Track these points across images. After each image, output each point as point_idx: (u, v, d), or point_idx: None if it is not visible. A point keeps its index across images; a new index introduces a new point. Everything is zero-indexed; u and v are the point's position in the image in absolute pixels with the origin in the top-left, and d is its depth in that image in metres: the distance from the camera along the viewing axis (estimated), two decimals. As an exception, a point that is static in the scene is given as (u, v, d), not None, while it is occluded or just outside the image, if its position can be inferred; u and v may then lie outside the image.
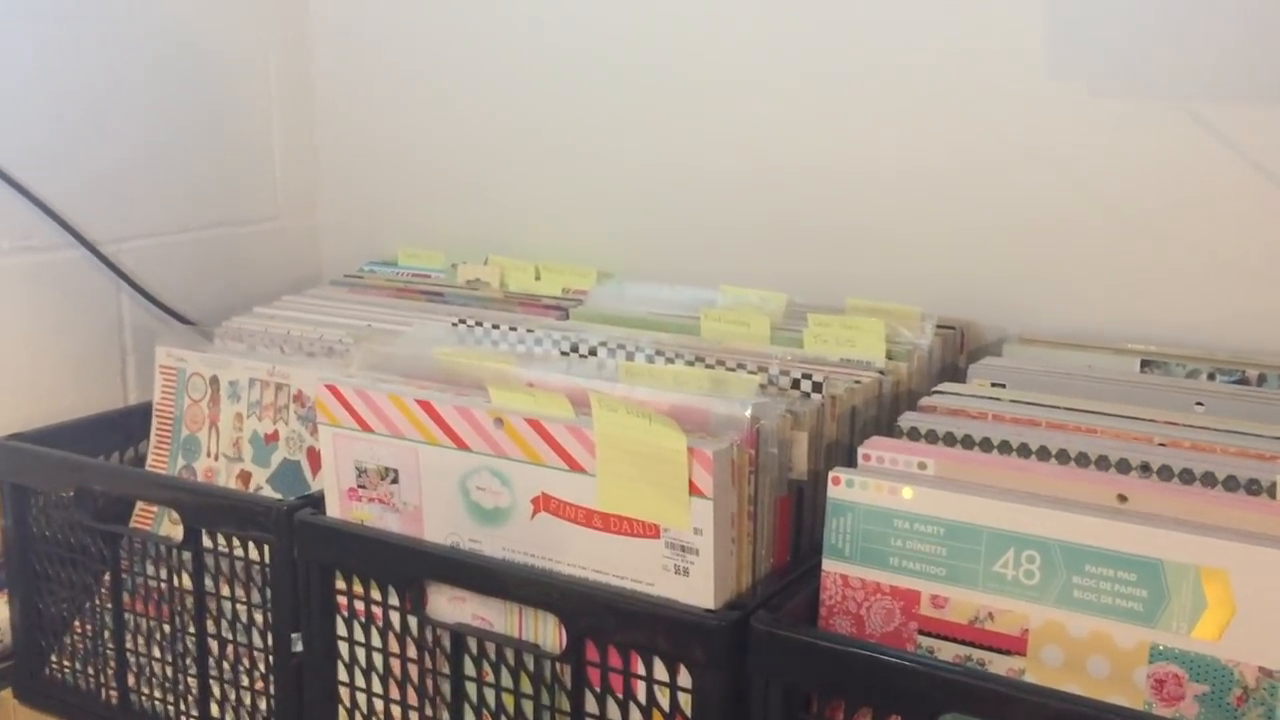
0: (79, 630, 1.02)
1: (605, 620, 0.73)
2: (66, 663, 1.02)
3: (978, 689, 0.63)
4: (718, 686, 0.70)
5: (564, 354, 0.93)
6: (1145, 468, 0.71)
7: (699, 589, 0.71)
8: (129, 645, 0.97)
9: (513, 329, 0.97)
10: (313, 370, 0.98)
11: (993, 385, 0.87)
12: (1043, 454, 0.74)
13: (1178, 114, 0.93)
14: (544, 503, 0.76)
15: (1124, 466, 0.71)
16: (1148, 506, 0.67)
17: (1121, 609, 0.64)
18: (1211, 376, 0.88)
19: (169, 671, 0.95)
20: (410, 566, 0.81)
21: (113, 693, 0.99)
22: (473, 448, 0.78)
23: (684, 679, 0.71)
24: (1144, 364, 0.91)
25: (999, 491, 0.69)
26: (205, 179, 1.25)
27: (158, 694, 0.96)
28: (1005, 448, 0.75)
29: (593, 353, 0.92)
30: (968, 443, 0.76)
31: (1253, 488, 0.68)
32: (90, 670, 1.00)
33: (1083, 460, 0.72)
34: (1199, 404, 0.81)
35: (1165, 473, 0.70)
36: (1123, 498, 0.67)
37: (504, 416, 0.77)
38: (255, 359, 1.03)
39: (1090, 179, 0.97)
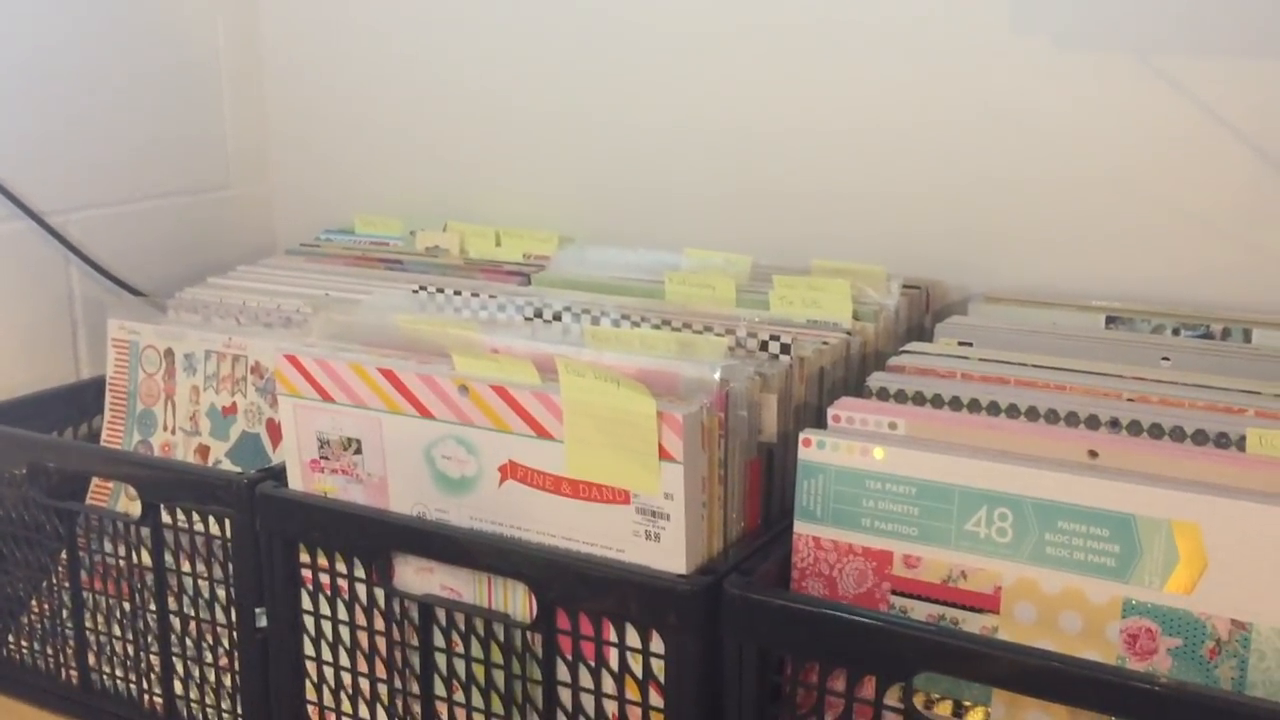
0: (36, 610, 0.99)
1: (576, 588, 0.72)
2: (24, 643, 1.00)
3: (951, 647, 0.63)
4: (691, 651, 0.69)
5: (528, 320, 0.92)
6: (1115, 423, 0.70)
7: (670, 554, 0.71)
8: (88, 624, 0.95)
9: (475, 295, 0.95)
10: (270, 341, 0.96)
11: (960, 344, 0.87)
12: (1012, 412, 0.73)
13: (1142, 69, 0.92)
14: (511, 470, 0.75)
15: (1094, 422, 0.71)
16: (1118, 462, 0.67)
17: (1094, 565, 0.64)
18: (1176, 332, 0.88)
19: (130, 650, 0.94)
20: (376, 538, 0.79)
21: (73, 672, 0.97)
22: (437, 416, 0.77)
23: (657, 645, 0.71)
24: (1109, 320, 0.91)
25: (970, 450, 0.69)
26: (154, 146, 1.21)
27: (119, 673, 0.95)
28: (975, 406, 0.74)
29: (557, 318, 0.91)
30: (937, 402, 0.76)
31: (1222, 441, 0.68)
32: (49, 650, 0.98)
33: (1052, 417, 0.72)
34: (1165, 359, 0.81)
35: (1135, 428, 0.70)
36: (1093, 453, 0.67)
37: (469, 384, 0.75)
38: (211, 330, 1.00)
39: (1054, 136, 0.96)
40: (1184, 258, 0.93)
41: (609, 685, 0.73)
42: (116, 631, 0.94)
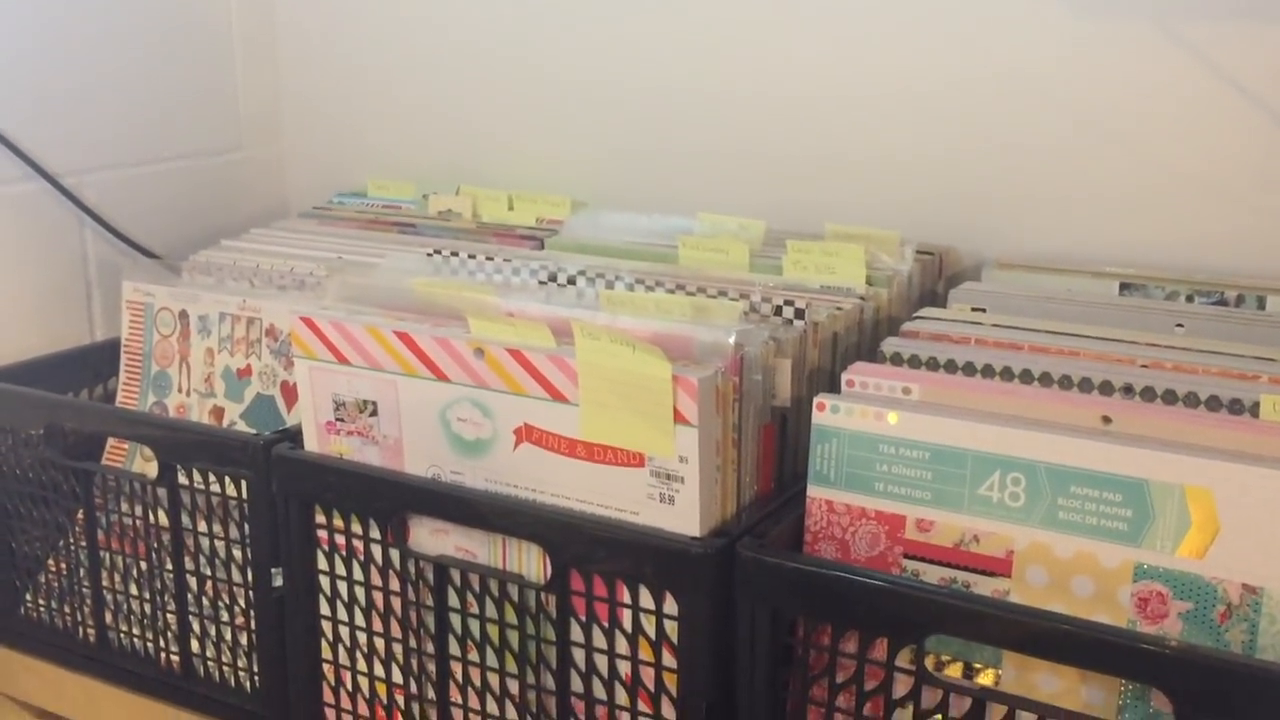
0: (54, 569, 1.00)
1: (590, 550, 0.73)
2: (43, 602, 1.01)
3: (963, 610, 0.63)
4: (704, 613, 0.70)
5: (542, 284, 0.92)
6: (1128, 389, 0.71)
7: (684, 517, 0.71)
8: (105, 583, 0.96)
9: (489, 259, 0.95)
10: (285, 304, 0.96)
11: (973, 310, 0.87)
12: (1026, 377, 0.74)
13: (1157, 33, 0.92)
14: (526, 433, 0.75)
15: (1107, 388, 0.71)
16: (1132, 427, 0.67)
17: (1106, 529, 0.64)
18: (1190, 298, 0.88)
19: (147, 609, 0.95)
20: (391, 499, 0.80)
21: (90, 631, 0.98)
22: (453, 379, 0.77)
23: (670, 607, 0.71)
24: (1123, 287, 0.91)
25: (984, 415, 0.69)
26: (167, 109, 1.21)
27: (136, 631, 0.96)
28: (989, 371, 0.75)
29: (571, 282, 0.91)
30: (951, 367, 0.76)
31: (1235, 407, 0.68)
32: (67, 609, 0.99)
33: (1066, 383, 0.72)
34: (1179, 325, 0.81)
35: (1148, 394, 0.70)
36: (1107, 419, 0.68)
37: (484, 347, 0.76)
38: (225, 293, 1.01)
39: (1069, 100, 0.96)
40: (1199, 224, 0.93)
41: (622, 646, 0.74)
42: (134, 591, 0.95)
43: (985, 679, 0.67)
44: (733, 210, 1.02)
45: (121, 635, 0.97)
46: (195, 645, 0.93)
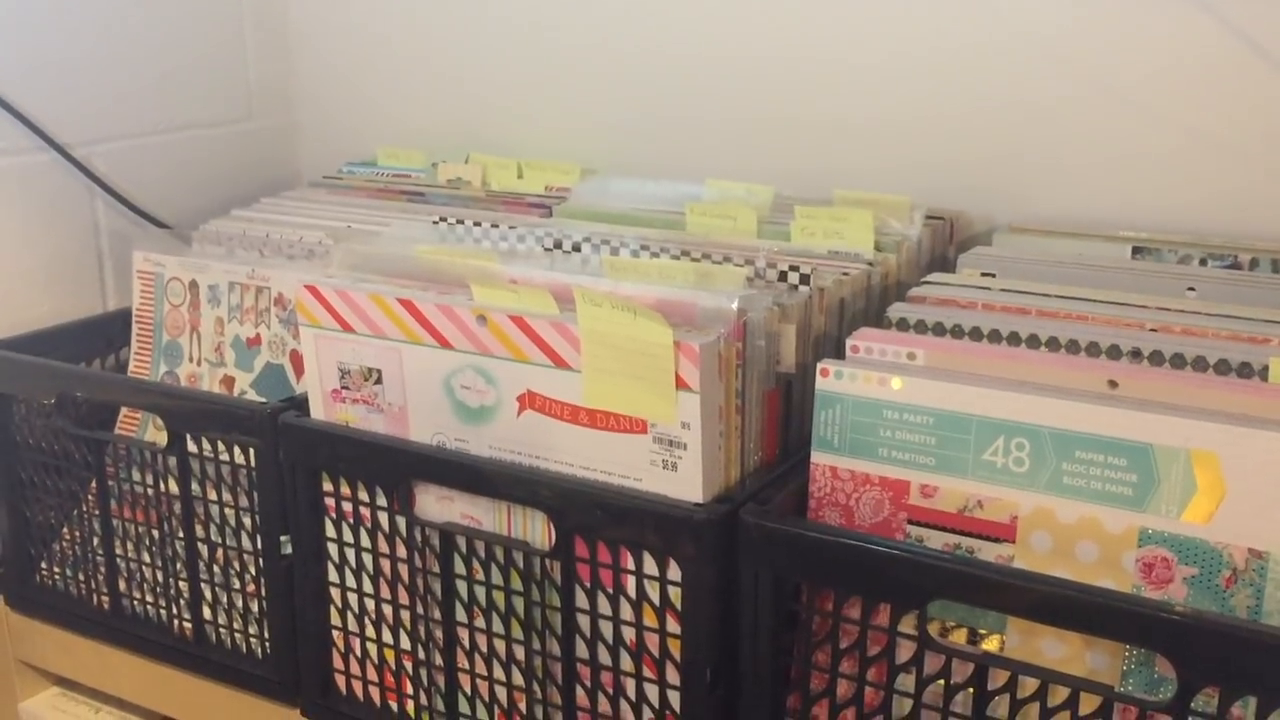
0: (68, 537, 1.01)
1: (594, 517, 0.73)
2: (57, 570, 1.02)
3: (966, 575, 0.63)
4: (708, 580, 0.70)
5: (547, 251, 0.91)
6: (1136, 353, 0.70)
7: (687, 483, 0.71)
8: (118, 551, 0.97)
9: (494, 226, 0.95)
10: (293, 273, 0.96)
11: (983, 275, 0.86)
12: (1033, 342, 0.73)
13: (1172, -7, 0.90)
14: (530, 400, 0.75)
15: (1114, 353, 0.70)
16: (1138, 392, 0.66)
17: (1111, 494, 0.64)
18: (1203, 262, 0.87)
19: (160, 576, 0.95)
20: (397, 467, 0.80)
21: (104, 598, 0.99)
22: (456, 346, 0.77)
23: (674, 573, 0.71)
24: (1135, 250, 0.89)
25: (989, 380, 0.68)
26: (176, 78, 1.21)
27: (149, 599, 0.97)
28: (995, 336, 0.74)
29: (576, 249, 0.90)
30: (957, 332, 0.75)
31: (1244, 371, 0.67)
32: (81, 577, 1.00)
33: (1073, 347, 0.72)
34: (1191, 289, 0.80)
35: (1156, 358, 0.69)
36: (1113, 383, 0.67)
37: (487, 314, 0.75)
38: (234, 262, 1.01)
39: (1081, 61, 0.94)
40: (1212, 186, 0.92)
41: (627, 612, 0.74)
42: (146, 558, 0.96)
43: (990, 645, 0.67)
44: (741, 177, 1.01)
45: (135, 602, 0.98)
46: (207, 612, 0.94)
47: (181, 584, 0.94)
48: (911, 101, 1.02)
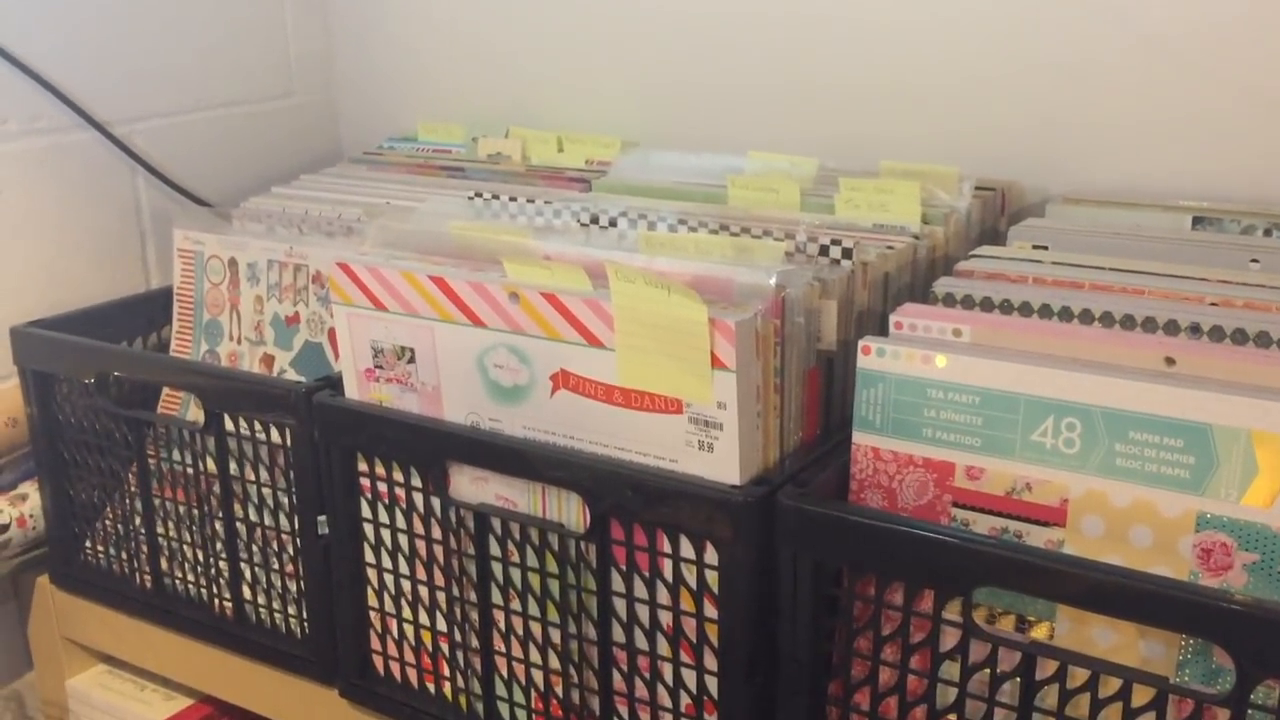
0: (111, 516, 1.02)
1: (629, 498, 0.71)
2: (100, 548, 1.02)
3: (1014, 561, 0.60)
4: (745, 563, 0.68)
5: (583, 226, 0.89)
6: (1195, 329, 0.67)
7: (724, 464, 0.69)
8: (160, 530, 0.97)
9: (530, 201, 0.93)
10: (331, 250, 0.95)
11: (1034, 247, 0.83)
12: (1085, 317, 0.70)
13: (1237, -51, 0.86)
14: (563, 379, 0.74)
15: (1172, 328, 0.67)
16: (1197, 369, 0.63)
17: (1167, 476, 0.61)
18: (1268, 232, 0.83)
19: (200, 555, 0.95)
20: (431, 448, 0.79)
21: (146, 577, 0.99)
22: (489, 325, 0.75)
23: (711, 556, 0.69)
24: (1196, 221, 0.86)
25: (1038, 357, 0.65)
26: (217, 55, 1.21)
27: (190, 577, 0.97)
28: (1046, 312, 0.71)
29: (613, 224, 0.89)
30: (1006, 308, 0.72)
31: (1310, 347, 0.64)
32: (124, 555, 1.01)
33: (1128, 323, 0.68)
34: (1254, 261, 0.77)
35: (1216, 334, 0.66)
36: (1170, 360, 0.64)
37: (519, 291, 0.74)
38: (273, 240, 1.00)
39: (1138, 20, 0.90)
40: (1278, 151, 0.88)
41: (663, 596, 0.72)
42: (187, 538, 0.96)
43: (1039, 633, 0.64)
44: (785, 148, 0.98)
45: (176, 582, 0.98)
46: (247, 592, 0.94)
47: (222, 563, 0.94)
48: (961, 66, 0.98)
